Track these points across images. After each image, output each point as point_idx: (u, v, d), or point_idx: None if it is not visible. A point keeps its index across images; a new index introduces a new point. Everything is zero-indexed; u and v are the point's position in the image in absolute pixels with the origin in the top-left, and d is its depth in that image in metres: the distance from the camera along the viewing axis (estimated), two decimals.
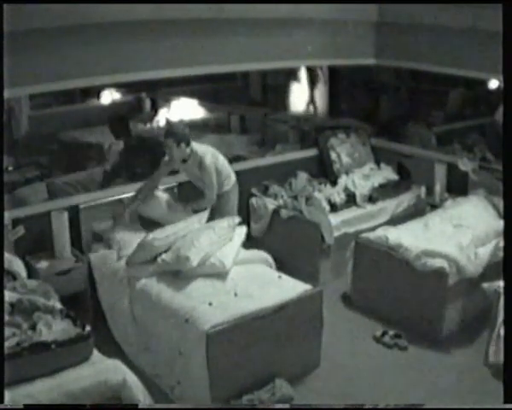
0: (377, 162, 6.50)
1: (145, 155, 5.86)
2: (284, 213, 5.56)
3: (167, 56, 4.99)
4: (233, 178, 5.02)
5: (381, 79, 7.17)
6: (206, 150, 4.80)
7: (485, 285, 4.15)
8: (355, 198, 5.80)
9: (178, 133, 4.69)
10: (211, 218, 4.68)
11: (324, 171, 6.34)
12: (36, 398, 2.92)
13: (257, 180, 5.91)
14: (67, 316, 3.40)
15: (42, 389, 2.96)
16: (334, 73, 6.79)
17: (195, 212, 4.70)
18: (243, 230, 4.67)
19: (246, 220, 5.54)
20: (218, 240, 4.32)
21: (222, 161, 4.95)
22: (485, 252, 4.59)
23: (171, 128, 4.94)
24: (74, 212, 4.78)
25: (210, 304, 3.83)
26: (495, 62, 3.35)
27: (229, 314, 3.73)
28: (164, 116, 7.85)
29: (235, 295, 4.00)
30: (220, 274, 4.22)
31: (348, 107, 7.17)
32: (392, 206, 5.92)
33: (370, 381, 4.05)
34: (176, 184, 5.25)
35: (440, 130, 6.66)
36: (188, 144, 4.70)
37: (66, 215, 4.64)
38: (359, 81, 7.16)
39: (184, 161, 4.80)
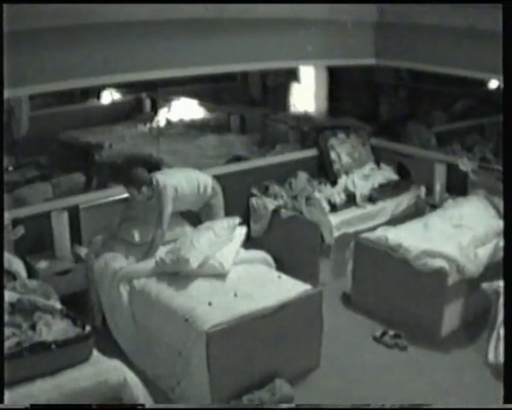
0: (377, 162, 6.50)
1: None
2: (284, 213, 5.56)
3: (167, 56, 4.99)
4: (209, 188, 4.88)
5: (381, 79, 7.17)
6: (169, 182, 4.62)
7: (485, 285, 4.16)
8: (355, 198, 5.80)
9: (137, 180, 4.58)
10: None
11: (324, 171, 6.34)
12: (36, 398, 2.91)
13: (257, 180, 5.91)
14: (67, 316, 3.40)
15: (42, 389, 2.96)
16: (334, 73, 6.79)
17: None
18: (243, 230, 4.67)
19: (246, 220, 5.54)
20: (217, 241, 4.32)
21: (187, 183, 4.77)
22: (485, 252, 4.60)
23: (129, 176, 4.64)
24: (74, 212, 4.78)
25: (210, 304, 3.84)
26: (495, 62, 3.35)
27: (229, 314, 3.73)
28: (164, 116, 7.85)
29: (235, 295, 4.00)
30: (220, 274, 4.23)
31: (348, 107, 7.16)
32: (392, 206, 5.92)
33: (370, 381, 4.05)
34: None
35: (440, 130, 6.66)
36: (149, 185, 4.59)
37: (66, 215, 4.65)
38: (359, 81, 7.16)
39: (149, 198, 4.66)
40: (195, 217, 5.00)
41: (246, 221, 5.52)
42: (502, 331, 3.74)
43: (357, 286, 5.00)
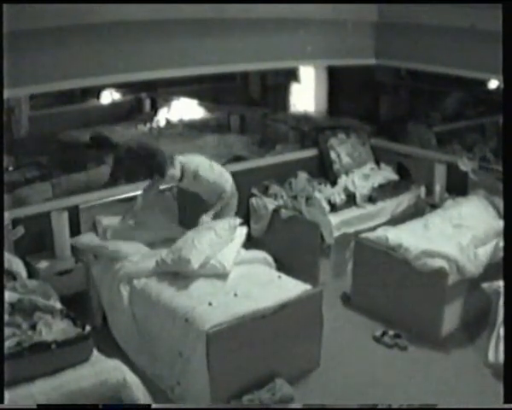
0: (377, 162, 6.50)
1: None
2: (284, 213, 5.55)
3: (167, 56, 4.99)
4: (228, 186, 4.90)
5: (381, 79, 7.17)
6: (199, 162, 4.73)
7: (485, 285, 4.17)
8: (355, 198, 5.81)
9: (160, 167, 4.58)
10: None
11: (324, 171, 6.34)
12: (36, 398, 2.92)
13: (257, 180, 5.91)
14: (67, 316, 3.40)
15: (42, 389, 2.96)
16: (334, 73, 6.79)
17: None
18: (244, 230, 4.67)
19: (246, 220, 5.54)
20: (218, 241, 4.32)
21: (217, 171, 4.86)
22: (485, 252, 4.59)
23: (154, 165, 4.65)
24: (74, 212, 4.78)
25: (210, 304, 3.84)
26: (495, 62, 3.35)
27: (229, 314, 3.73)
28: (164, 116, 7.86)
29: (235, 295, 4.00)
30: (221, 275, 4.23)
31: (348, 107, 7.17)
32: (392, 206, 5.92)
33: (370, 381, 4.05)
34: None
35: (440, 130, 6.67)
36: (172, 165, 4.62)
37: (66, 215, 4.64)
38: (359, 81, 7.17)
39: (180, 179, 4.72)
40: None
41: (246, 221, 5.52)
42: (502, 331, 3.74)
43: (357, 286, 5.00)
